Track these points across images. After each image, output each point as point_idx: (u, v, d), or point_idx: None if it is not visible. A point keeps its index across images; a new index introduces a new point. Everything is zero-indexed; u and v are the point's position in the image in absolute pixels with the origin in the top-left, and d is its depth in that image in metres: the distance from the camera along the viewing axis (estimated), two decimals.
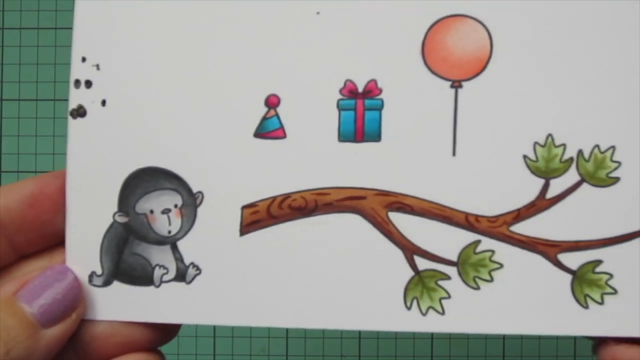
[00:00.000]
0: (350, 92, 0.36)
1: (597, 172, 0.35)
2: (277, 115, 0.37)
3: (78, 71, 0.38)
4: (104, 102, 0.38)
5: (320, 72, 0.37)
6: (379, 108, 0.36)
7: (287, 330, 0.67)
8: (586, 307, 0.35)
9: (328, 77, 0.37)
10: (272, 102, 0.37)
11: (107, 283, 0.38)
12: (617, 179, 0.35)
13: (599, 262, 0.35)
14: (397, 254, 0.36)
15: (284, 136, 0.37)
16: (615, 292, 0.35)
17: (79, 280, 0.37)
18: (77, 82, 0.38)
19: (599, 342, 0.36)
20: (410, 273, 0.36)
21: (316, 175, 0.37)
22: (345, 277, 0.37)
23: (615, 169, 0.35)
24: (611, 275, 0.35)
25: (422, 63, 0.36)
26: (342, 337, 0.69)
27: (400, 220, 0.36)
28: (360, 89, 0.36)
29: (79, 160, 0.38)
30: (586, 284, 0.35)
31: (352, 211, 0.37)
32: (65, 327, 0.36)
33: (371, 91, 0.36)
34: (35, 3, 0.68)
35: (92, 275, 0.38)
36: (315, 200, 0.37)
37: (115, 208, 0.38)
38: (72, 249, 0.38)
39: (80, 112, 0.38)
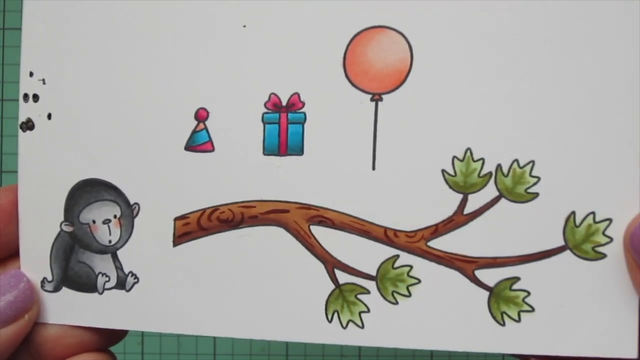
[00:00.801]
0: (274, 106, 0.37)
1: (516, 187, 0.35)
2: (206, 128, 0.38)
3: (26, 85, 0.40)
4: (49, 116, 0.40)
5: (246, 86, 0.38)
6: (302, 122, 0.37)
7: None
8: (503, 324, 0.36)
9: (254, 91, 0.38)
10: (201, 116, 0.38)
11: (57, 289, 0.40)
12: (536, 195, 0.35)
13: (516, 279, 0.35)
14: (319, 267, 0.37)
15: (212, 149, 0.38)
16: (532, 309, 0.36)
17: (31, 284, 0.40)
18: (26, 96, 0.40)
19: None
20: (331, 286, 0.37)
21: (243, 188, 0.38)
22: (270, 289, 0.38)
23: (534, 184, 0.35)
24: (528, 293, 0.36)
25: (344, 75, 0.37)
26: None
27: (322, 234, 0.37)
28: (284, 103, 0.37)
29: (29, 171, 0.40)
30: (503, 301, 0.36)
31: (276, 224, 0.38)
32: (18, 328, 0.38)
33: (294, 104, 0.37)
34: None
35: (43, 281, 0.40)
36: (242, 213, 0.38)
37: (62, 217, 0.40)
38: (25, 256, 0.41)
39: (29, 125, 0.40)
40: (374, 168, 0.37)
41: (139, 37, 0.39)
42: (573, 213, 0.35)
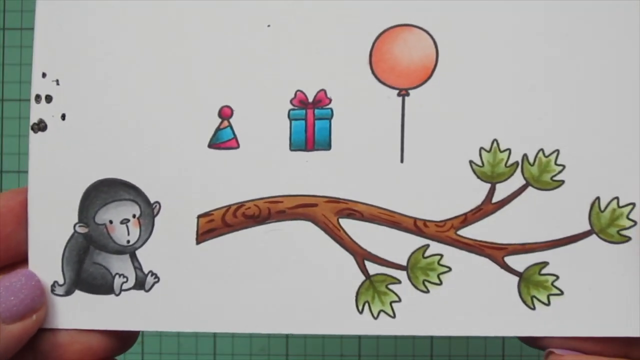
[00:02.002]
0: (300, 102, 0.39)
1: (542, 175, 0.38)
2: (230, 126, 0.40)
3: (38, 86, 0.41)
4: (63, 116, 0.40)
5: (271, 83, 0.39)
6: (329, 117, 0.39)
7: None
8: (533, 308, 0.38)
9: (279, 88, 0.39)
10: (225, 114, 0.40)
11: (68, 292, 0.41)
12: (561, 182, 0.38)
13: (545, 264, 0.38)
14: (349, 259, 0.39)
15: (237, 146, 0.39)
16: (561, 293, 0.38)
17: (42, 285, 0.40)
18: (38, 97, 0.40)
19: (549, 353, 0.38)
20: (361, 278, 0.39)
21: (269, 184, 0.39)
22: (299, 283, 0.39)
23: (560, 172, 0.38)
24: (557, 277, 0.38)
25: (370, 72, 0.39)
26: (342, 337, 0.71)
27: (351, 226, 0.39)
28: (310, 99, 0.39)
29: (40, 172, 0.40)
30: (533, 285, 0.38)
31: (304, 218, 0.39)
32: (25, 327, 0.38)
33: (321, 101, 0.39)
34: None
35: (54, 285, 0.40)
36: (268, 208, 0.39)
37: (75, 219, 0.40)
38: (35, 259, 0.41)
39: (41, 126, 0.40)
40: (402, 160, 0.39)
41: (159, 35, 0.40)
42: (598, 199, 0.38)
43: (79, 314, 0.41)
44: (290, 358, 0.69)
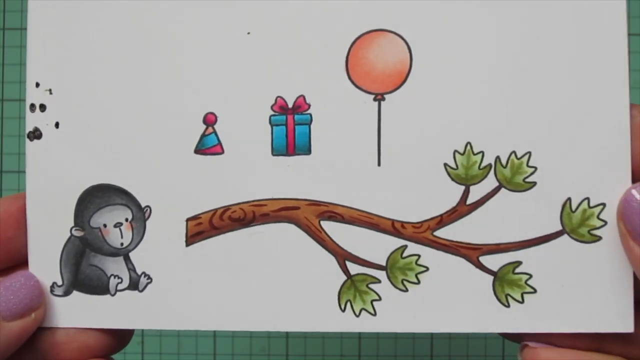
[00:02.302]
0: (280, 108, 0.41)
1: (515, 177, 0.39)
2: (215, 132, 0.41)
3: (33, 96, 0.42)
4: (57, 125, 0.42)
5: (252, 90, 0.41)
6: (308, 122, 0.40)
7: None
8: (507, 305, 0.39)
9: (260, 94, 0.41)
10: (209, 120, 0.41)
11: (67, 293, 0.43)
12: (533, 184, 0.39)
13: (518, 263, 0.39)
14: (331, 260, 0.41)
15: (221, 152, 0.41)
16: (534, 291, 0.39)
17: (40, 284, 0.43)
18: (32, 106, 0.42)
19: (523, 346, 0.40)
20: (343, 277, 0.40)
21: (253, 188, 0.41)
22: (283, 283, 0.41)
23: (532, 174, 0.39)
24: (530, 275, 0.39)
25: (347, 77, 0.40)
26: (342, 337, 0.72)
27: (332, 228, 0.41)
28: (290, 105, 0.40)
29: (38, 179, 0.42)
30: (507, 284, 0.39)
31: (287, 221, 0.41)
32: (24, 325, 0.41)
33: (300, 106, 0.40)
34: None
35: (53, 286, 0.43)
36: (253, 211, 0.41)
37: (71, 223, 0.43)
38: (35, 261, 0.43)
39: (36, 134, 0.42)
40: (379, 164, 0.40)
41: (145, 44, 0.42)
42: (569, 199, 0.39)
43: (76, 313, 0.43)
44: (290, 358, 0.70)
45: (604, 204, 0.38)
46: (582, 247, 0.39)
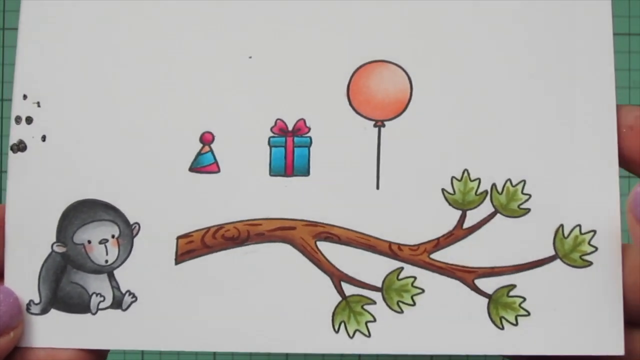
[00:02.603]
0: (280, 130, 0.41)
1: (510, 203, 0.40)
2: (211, 151, 0.41)
3: (19, 108, 0.42)
4: (44, 138, 0.41)
5: (252, 111, 0.41)
6: (308, 145, 0.41)
7: None
8: (502, 328, 0.40)
9: (260, 116, 0.41)
10: (206, 139, 0.41)
11: (44, 311, 0.41)
12: (527, 210, 0.40)
13: (512, 286, 0.40)
14: (326, 280, 0.41)
15: (217, 170, 0.41)
16: (528, 314, 0.40)
17: (19, 302, 0.41)
18: (18, 119, 0.41)
19: None
20: (337, 298, 0.41)
21: (248, 207, 0.41)
22: (277, 303, 0.41)
23: (526, 200, 0.40)
24: (524, 299, 0.40)
25: (348, 104, 0.41)
26: (343, 357, 0.71)
27: (328, 249, 0.41)
28: (290, 127, 0.41)
29: (19, 192, 0.41)
30: (501, 306, 0.40)
31: (282, 241, 0.41)
32: (1, 344, 0.39)
33: (300, 129, 0.41)
34: None
35: (30, 304, 0.41)
36: (247, 230, 0.41)
37: (53, 238, 0.41)
38: (11, 277, 0.42)
39: (20, 147, 0.41)
40: (378, 187, 0.41)
41: (142, 59, 0.42)
42: (561, 226, 0.41)
43: (54, 332, 0.41)
44: (291, 358, 0.69)
45: (594, 231, 0.40)
46: (574, 272, 0.40)
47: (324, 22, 0.42)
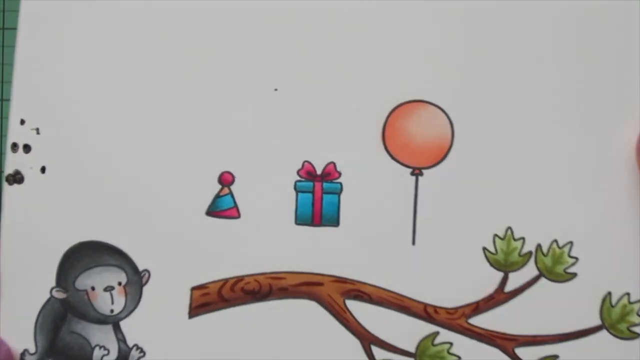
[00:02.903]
0: (307, 174, 0.37)
1: (555, 267, 0.37)
2: (230, 193, 0.38)
3: (16, 134, 0.38)
4: (43, 169, 0.38)
5: (277, 151, 0.38)
6: (338, 192, 0.38)
7: None
8: None
9: (285, 157, 0.38)
10: (225, 180, 0.38)
11: None
12: (574, 275, 0.38)
13: (555, 357, 0.38)
14: (354, 343, 0.38)
15: (237, 216, 0.38)
16: None
17: (12, 354, 0.38)
18: (15, 146, 0.38)
19: None
20: None
21: (271, 258, 0.38)
22: None
23: (573, 264, 0.38)
24: None
25: (383, 148, 0.38)
26: None
27: (358, 309, 0.38)
28: (319, 171, 0.38)
29: (15, 229, 0.38)
30: None
31: (308, 297, 0.38)
32: None
33: (330, 174, 0.37)
34: None
35: (24, 354, 0.38)
36: (270, 284, 0.38)
37: (52, 283, 0.38)
38: (5, 324, 0.38)
39: (17, 178, 0.38)
40: (414, 243, 0.38)
41: (157, 89, 0.38)
42: (609, 293, 0.38)
43: None
44: None
45: None
46: (620, 344, 0.38)
47: (359, 55, 0.38)
